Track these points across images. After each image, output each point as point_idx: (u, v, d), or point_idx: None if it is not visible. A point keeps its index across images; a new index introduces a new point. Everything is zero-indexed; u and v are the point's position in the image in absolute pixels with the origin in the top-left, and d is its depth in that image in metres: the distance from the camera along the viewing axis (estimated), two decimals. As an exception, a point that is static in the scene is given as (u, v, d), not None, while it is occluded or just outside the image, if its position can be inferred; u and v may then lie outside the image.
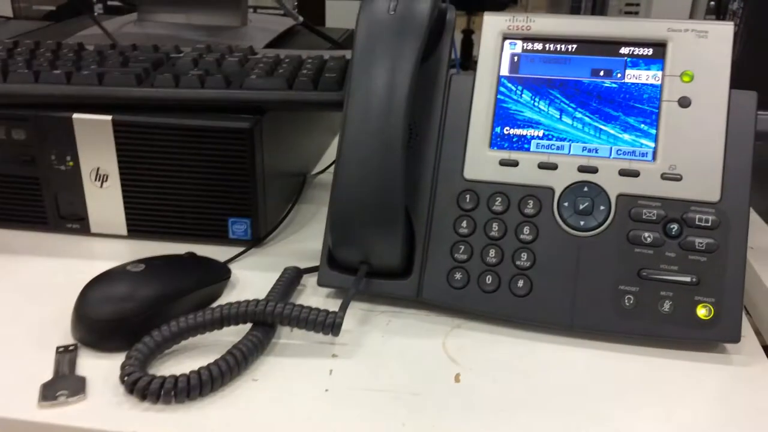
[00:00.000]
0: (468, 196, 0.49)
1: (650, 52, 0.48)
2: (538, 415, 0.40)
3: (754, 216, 0.64)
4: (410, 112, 0.46)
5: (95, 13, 1.39)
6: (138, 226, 0.57)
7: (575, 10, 1.15)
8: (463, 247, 0.48)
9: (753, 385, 0.43)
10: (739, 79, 0.47)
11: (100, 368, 0.42)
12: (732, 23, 0.47)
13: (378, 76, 0.46)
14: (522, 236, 0.47)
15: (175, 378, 0.40)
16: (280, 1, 0.83)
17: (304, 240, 0.59)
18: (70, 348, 0.44)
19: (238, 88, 0.55)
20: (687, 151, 0.46)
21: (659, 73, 0.47)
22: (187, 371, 0.40)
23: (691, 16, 1.22)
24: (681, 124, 0.46)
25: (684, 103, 0.47)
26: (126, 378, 0.40)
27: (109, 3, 1.36)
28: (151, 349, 0.42)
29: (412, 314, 0.49)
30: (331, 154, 0.78)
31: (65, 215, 0.58)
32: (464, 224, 0.48)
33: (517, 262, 0.47)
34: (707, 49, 0.47)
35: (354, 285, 0.47)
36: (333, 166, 0.72)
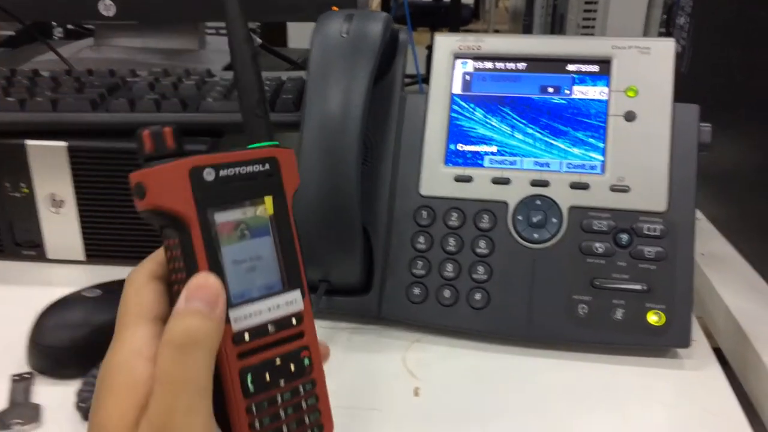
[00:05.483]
0: (424, 212, 0.49)
1: (596, 69, 0.49)
2: (495, 425, 0.40)
3: (705, 223, 0.66)
4: (364, 131, 0.47)
5: (55, 38, 1.38)
6: (96, 251, 0.57)
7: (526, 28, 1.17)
8: (421, 263, 0.49)
9: (704, 388, 0.44)
10: (686, 92, 0.49)
11: (56, 395, 0.42)
12: (673, 39, 0.49)
13: (332, 97, 0.47)
14: (478, 250, 0.48)
15: (133, 402, 0.39)
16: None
17: (264, 260, 0.59)
18: (26, 376, 0.43)
19: (195, 111, 0.55)
20: (634, 163, 0.47)
21: (605, 89, 0.49)
22: (145, 395, 0.40)
23: (645, 29, 1.26)
24: (627, 137, 0.48)
25: (630, 117, 0.48)
26: (81, 404, 0.39)
27: (69, 27, 1.35)
28: (109, 374, 0.42)
29: (372, 330, 0.49)
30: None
31: (21, 242, 0.57)
32: (421, 240, 0.49)
33: (474, 276, 0.48)
34: (650, 64, 0.48)
35: (314, 303, 0.47)
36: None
